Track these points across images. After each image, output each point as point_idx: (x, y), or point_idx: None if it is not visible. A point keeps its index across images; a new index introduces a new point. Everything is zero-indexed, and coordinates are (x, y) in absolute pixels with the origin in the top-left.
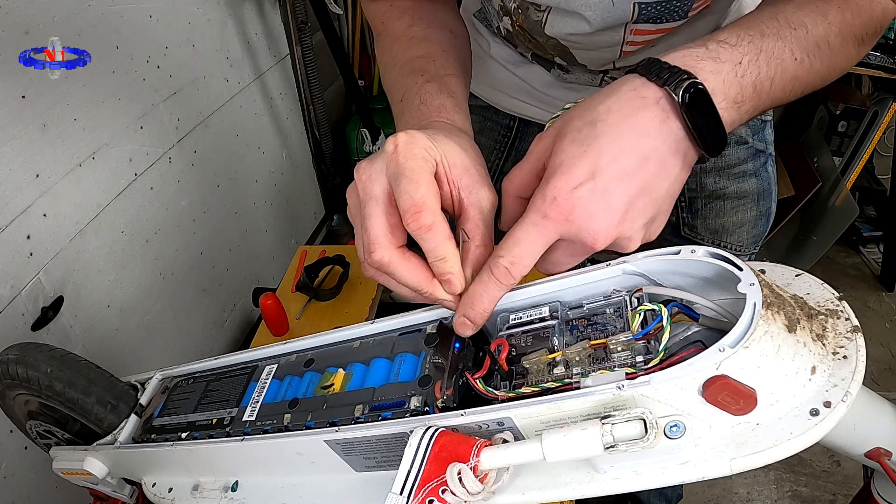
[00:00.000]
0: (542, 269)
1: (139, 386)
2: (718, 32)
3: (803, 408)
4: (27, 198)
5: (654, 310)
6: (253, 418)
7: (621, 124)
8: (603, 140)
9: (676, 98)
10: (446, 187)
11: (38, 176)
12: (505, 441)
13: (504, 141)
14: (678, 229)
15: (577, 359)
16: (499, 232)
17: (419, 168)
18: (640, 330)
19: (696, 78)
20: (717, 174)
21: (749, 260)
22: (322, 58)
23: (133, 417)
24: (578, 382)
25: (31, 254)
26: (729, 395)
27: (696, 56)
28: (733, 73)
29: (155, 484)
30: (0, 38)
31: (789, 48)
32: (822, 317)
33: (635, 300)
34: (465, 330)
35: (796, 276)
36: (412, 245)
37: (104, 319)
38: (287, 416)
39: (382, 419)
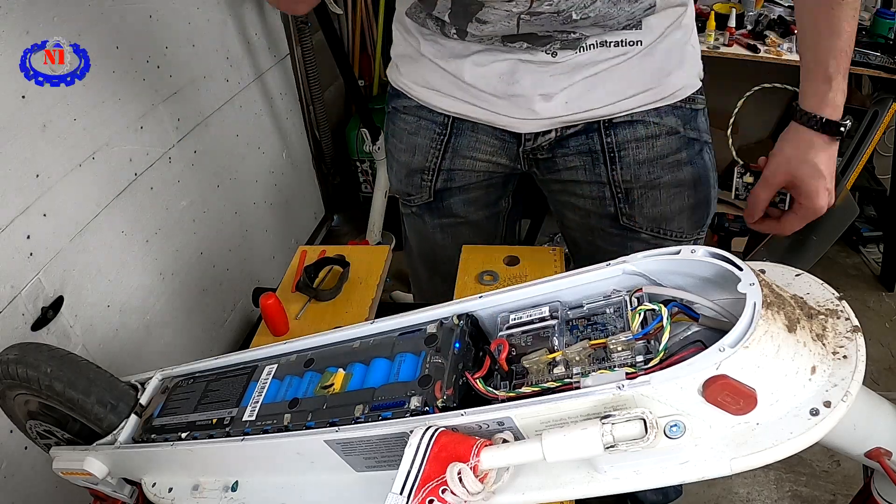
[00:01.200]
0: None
1: (139, 386)
2: (821, 68)
3: (803, 408)
4: (27, 198)
5: (654, 310)
6: (253, 418)
7: (823, 159)
8: (823, 167)
9: (833, 137)
10: None
11: (38, 176)
12: (505, 441)
13: (440, 139)
14: (617, 220)
15: (577, 359)
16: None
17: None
18: (640, 330)
19: (838, 121)
20: (651, 164)
21: (694, 243)
22: (322, 58)
23: (133, 417)
24: (578, 382)
25: (31, 254)
26: (729, 395)
27: (833, 104)
28: (842, 93)
29: (155, 484)
30: (0, 38)
31: (848, 44)
32: (822, 317)
33: (635, 300)
34: None
35: (796, 276)
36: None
37: (104, 319)
38: (287, 416)
39: (382, 419)
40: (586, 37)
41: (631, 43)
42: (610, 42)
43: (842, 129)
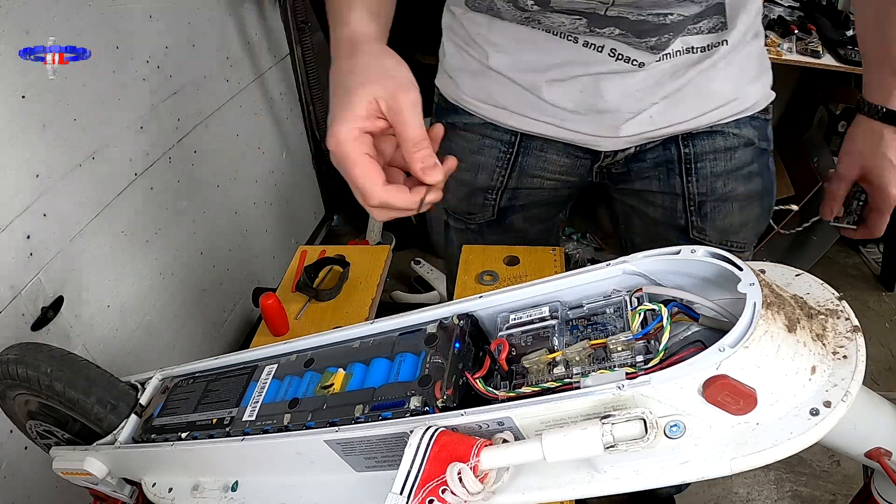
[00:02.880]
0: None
1: (139, 386)
2: (890, 60)
3: (803, 407)
4: (27, 198)
5: (654, 310)
6: (253, 418)
7: (893, 149)
8: (893, 158)
9: None
10: (384, 124)
11: (38, 176)
12: (505, 441)
13: (506, 158)
14: (686, 232)
15: (577, 359)
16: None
17: (350, 152)
18: (640, 330)
19: None
20: (727, 177)
21: (749, 256)
22: (322, 58)
23: (133, 417)
24: (578, 382)
25: (31, 254)
26: (729, 394)
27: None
28: None
29: (155, 484)
30: (0, 37)
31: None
32: (822, 317)
33: (635, 300)
34: None
35: (796, 276)
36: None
37: (104, 319)
38: (287, 416)
39: (382, 419)
40: (673, 37)
41: (717, 44)
42: (696, 48)
43: None
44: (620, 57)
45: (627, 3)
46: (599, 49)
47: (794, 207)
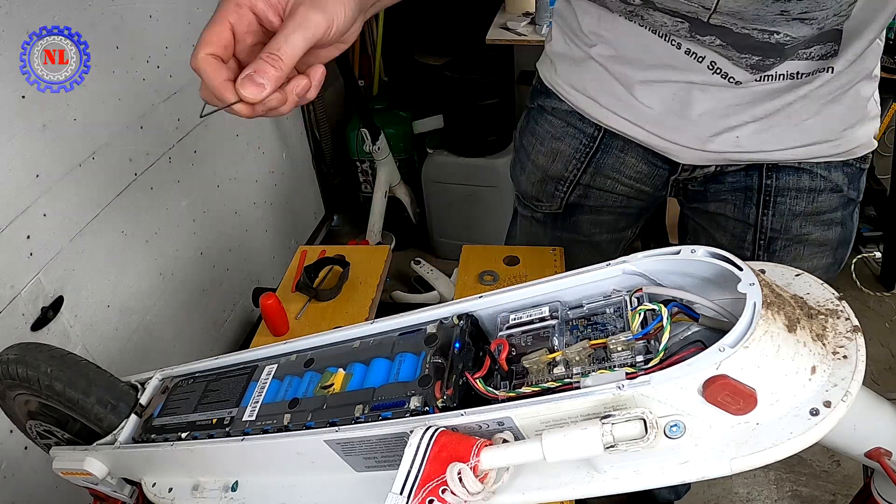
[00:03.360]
0: None
1: (139, 386)
2: None
3: (803, 407)
4: (27, 198)
5: (654, 310)
6: (253, 418)
7: None
8: None
9: None
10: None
11: (38, 176)
12: (505, 441)
13: (585, 151)
14: None
15: (577, 359)
16: None
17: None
18: (640, 330)
19: None
20: (805, 219)
21: None
22: None
23: (133, 417)
24: (578, 382)
25: (31, 254)
26: (729, 394)
27: None
28: None
29: (155, 484)
30: (0, 37)
31: None
32: (822, 317)
33: (635, 300)
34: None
35: (796, 276)
36: None
37: (104, 319)
38: (287, 416)
39: (382, 419)
40: (780, 61)
41: (821, 71)
42: (801, 73)
43: None
44: (718, 71)
45: (730, 13)
46: (700, 59)
47: None
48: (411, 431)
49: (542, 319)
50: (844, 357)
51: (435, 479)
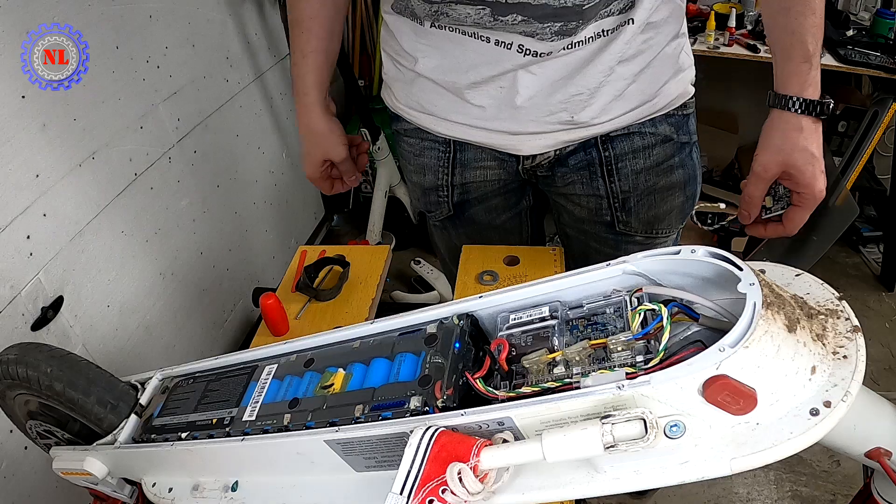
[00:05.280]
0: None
1: (139, 386)
2: (799, 48)
3: (803, 407)
4: (27, 198)
5: (654, 310)
6: (253, 418)
7: (813, 142)
8: (815, 150)
9: (819, 117)
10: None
11: (38, 176)
12: (505, 441)
13: (445, 157)
14: (613, 226)
15: (577, 359)
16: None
17: (316, 181)
18: (640, 330)
19: (821, 100)
20: (648, 173)
21: (676, 237)
22: None
23: (133, 417)
24: (578, 382)
25: (31, 254)
26: (729, 394)
27: (815, 83)
28: (819, 70)
29: (155, 484)
30: (0, 37)
31: (821, 20)
32: (822, 317)
33: (635, 300)
34: None
35: (796, 276)
36: None
37: (104, 319)
38: (287, 416)
39: (382, 419)
40: (583, 24)
41: (623, 24)
42: (607, 31)
43: (826, 107)
44: (528, 52)
45: None
46: (508, 46)
47: (722, 206)
48: (411, 431)
49: (542, 319)
50: (844, 357)
51: (435, 479)
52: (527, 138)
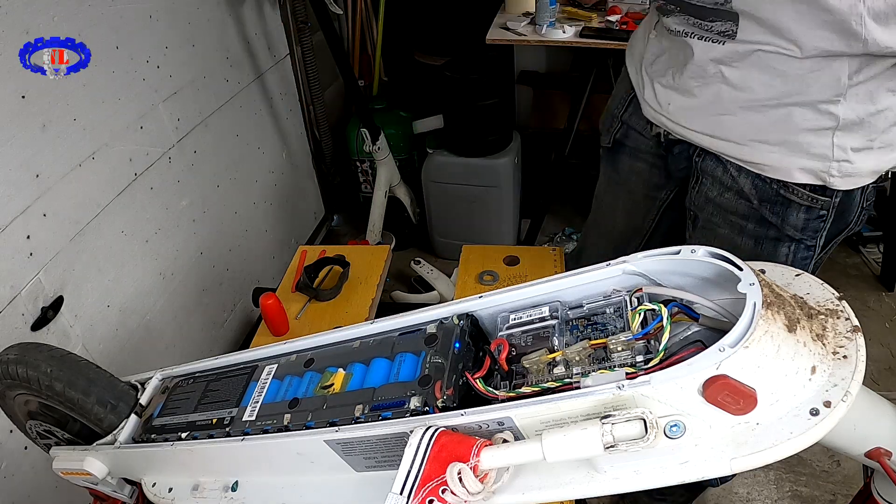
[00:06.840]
0: None
1: (139, 386)
2: None
3: (803, 407)
4: (27, 198)
5: (654, 310)
6: (253, 418)
7: None
8: None
9: None
10: None
11: (38, 176)
12: (505, 441)
13: (631, 94)
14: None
15: (577, 359)
16: None
17: None
18: (640, 330)
19: None
20: (715, 208)
21: None
22: (322, 58)
23: (133, 417)
24: (578, 382)
25: (31, 254)
26: (729, 394)
27: None
28: None
29: (155, 484)
30: (0, 37)
31: None
32: (822, 317)
33: (635, 300)
34: None
35: (796, 276)
36: None
37: (104, 319)
38: (287, 416)
39: (382, 419)
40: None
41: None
42: (708, 39)
43: None
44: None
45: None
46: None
47: None
48: (411, 431)
49: (542, 319)
50: (844, 357)
51: (435, 479)
52: (647, 104)
